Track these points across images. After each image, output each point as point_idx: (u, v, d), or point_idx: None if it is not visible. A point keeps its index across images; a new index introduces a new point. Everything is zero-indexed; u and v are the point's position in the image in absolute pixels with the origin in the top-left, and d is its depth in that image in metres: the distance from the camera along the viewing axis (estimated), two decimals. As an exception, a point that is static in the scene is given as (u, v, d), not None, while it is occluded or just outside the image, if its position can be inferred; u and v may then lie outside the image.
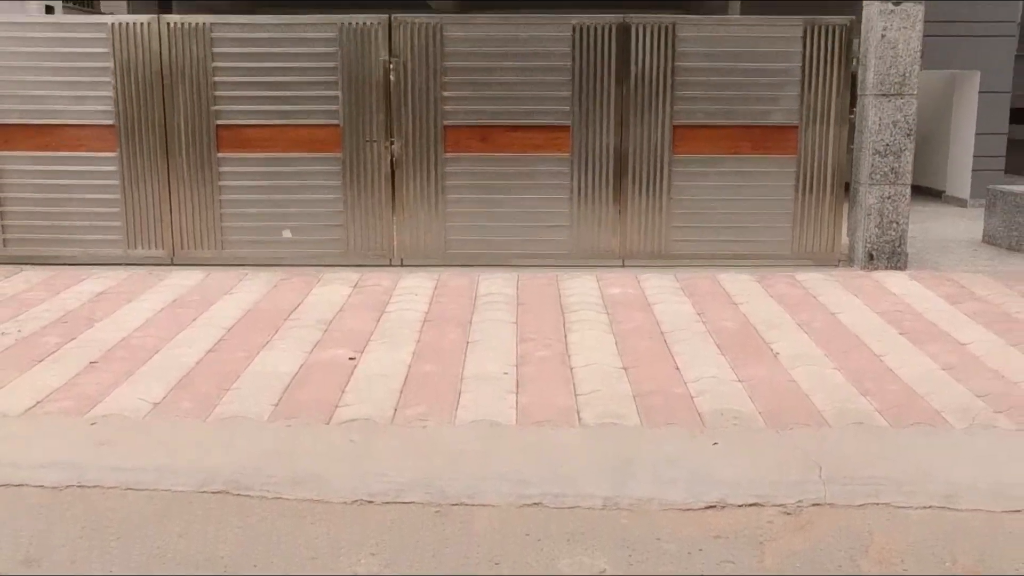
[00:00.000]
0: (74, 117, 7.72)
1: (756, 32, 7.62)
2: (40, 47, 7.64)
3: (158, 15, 7.76)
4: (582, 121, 7.61)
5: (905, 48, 7.50)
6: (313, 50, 7.58)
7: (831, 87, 7.65)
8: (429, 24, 7.48)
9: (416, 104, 7.60)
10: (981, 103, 11.84)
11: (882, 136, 7.59)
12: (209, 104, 7.65)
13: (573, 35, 7.48)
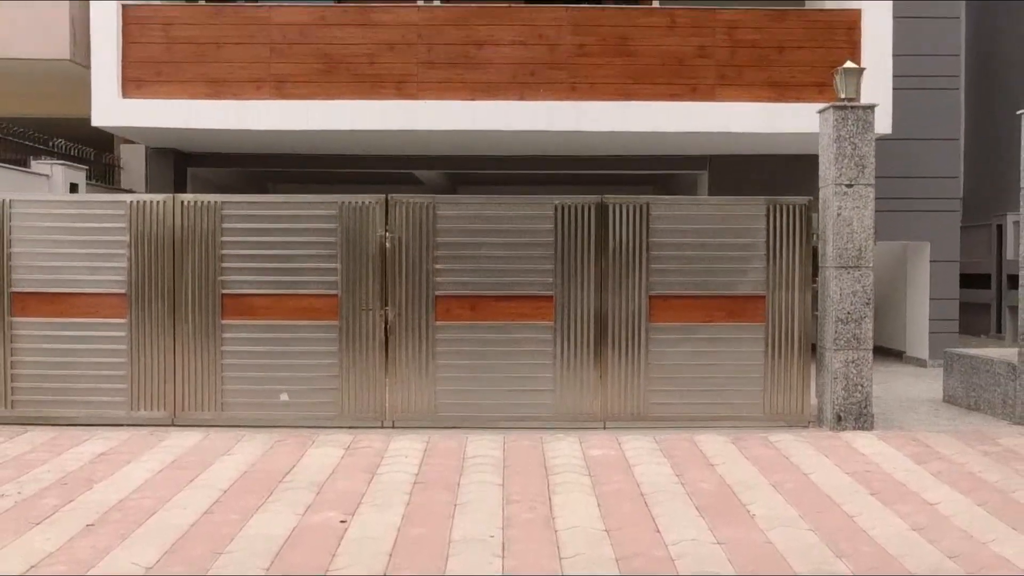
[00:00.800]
0: (88, 286, 7.82)
1: (723, 211, 7.91)
2: (62, 222, 7.83)
3: (174, 194, 8.02)
4: (565, 292, 7.76)
5: (860, 225, 7.76)
6: (315, 226, 7.79)
7: (794, 259, 7.86)
8: (423, 204, 7.74)
9: (410, 275, 7.76)
10: (933, 271, 12.17)
11: (843, 305, 7.75)
12: (216, 274, 7.78)
13: (555, 213, 7.74)
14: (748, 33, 9.91)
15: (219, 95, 9.87)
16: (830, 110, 7.81)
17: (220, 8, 10.08)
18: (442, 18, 9.90)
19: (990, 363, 8.64)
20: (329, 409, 7.78)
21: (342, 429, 7.62)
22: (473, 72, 9.77)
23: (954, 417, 8.49)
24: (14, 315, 7.82)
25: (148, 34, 9.92)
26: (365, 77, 9.78)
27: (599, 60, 9.79)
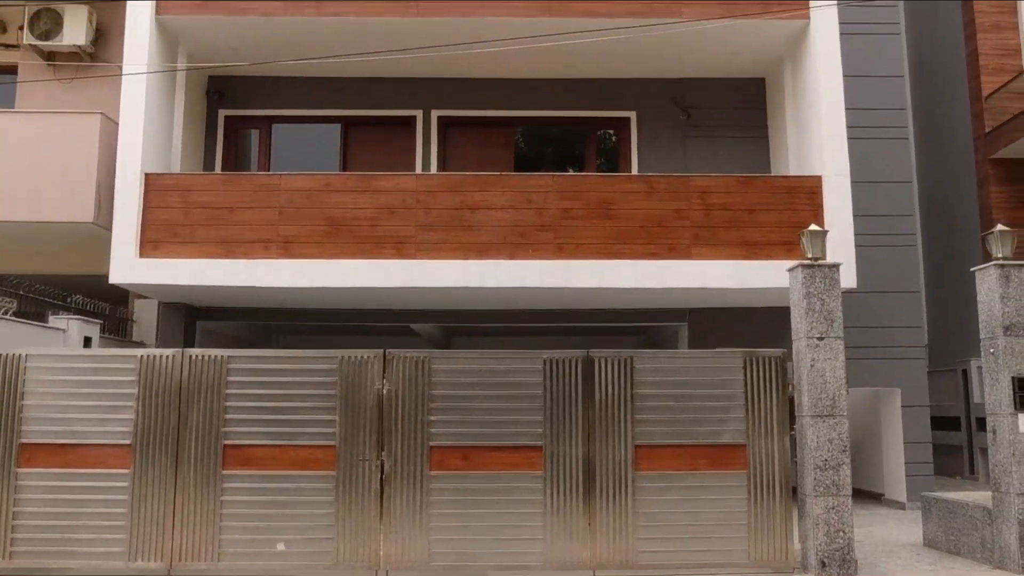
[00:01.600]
0: (95, 437, 7.71)
1: (703, 363, 7.95)
2: (74, 375, 7.81)
3: (182, 349, 8.04)
4: (554, 442, 7.70)
5: (832, 376, 7.80)
6: (316, 379, 7.77)
7: (772, 409, 7.85)
8: (418, 358, 7.78)
9: (406, 426, 7.70)
10: (904, 416, 12.11)
11: (821, 453, 7.68)
12: (219, 426, 7.71)
13: (544, 367, 7.78)
14: (720, 197, 10.24)
15: (230, 255, 10.05)
16: (799, 269, 8.00)
17: (235, 176, 10.43)
18: (439, 185, 10.24)
19: (966, 507, 8.49)
20: (325, 558, 7.53)
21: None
22: (467, 234, 10.02)
23: (935, 561, 8.27)
24: (20, 466, 7.67)
25: (167, 200, 10.20)
26: (367, 239, 10.01)
27: (584, 223, 10.07)
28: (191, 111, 11.56)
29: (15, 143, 10.72)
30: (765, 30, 10.71)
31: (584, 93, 12.08)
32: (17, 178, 10.53)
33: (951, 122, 16.01)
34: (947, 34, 16.07)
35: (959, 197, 15.87)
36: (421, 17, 10.36)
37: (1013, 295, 8.02)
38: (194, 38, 11.02)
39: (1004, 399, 7.90)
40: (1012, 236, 8.20)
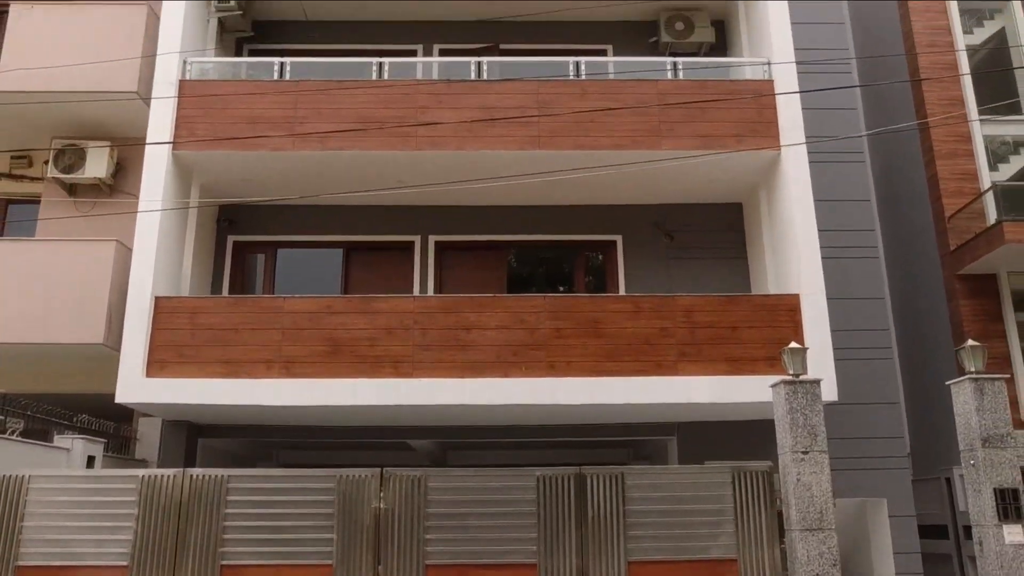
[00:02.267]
0: (92, 559, 7.52)
1: (692, 479, 7.84)
2: (76, 496, 7.67)
3: (183, 469, 7.90)
4: (548, 559, 7.49)
5: (819, 489, 7.67)
6: (313, 498, 7.63)
7: (761, 522, 7.70)
8: (415, 477, 7.65)
9: (402, 545, 7.50)
10: (892, 526, 11.81)
11: (811, 567, 7.47)
12: (217, 546, 7.51)
13: (537, 485, 7.65)
14: (704, 316, 10.31)
15: (234, 375, 9.99)
16: (781, 385, 7.99)
17: (240, 299, 10.49)
18: (435, 307, 10.29)
19: (959, 623, 8.20)
20: None
21: None
22: (462, 353, 10.00)
23: None
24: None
25: (175, 321, 10.22)
26: (366, 358, 9.98)
27: (574, 341, 10.08)
28: (202, 237, 11.74)
29: (33, 269, 10.83)
30: (740, 161, 11.04)
31: (572, 218, 12.32)
32: (34, 302, 10.58)
33: (918, 241, 16.33)
34: (909, 161, 16.59)
35: (931, 311, 16.01)
36: (419, 151, 10.68)
37: (988, 407, 8.00)
38: (208, 171, 11.30)
39: (988, 510, 7.76)
40: (983, 350, 8.25)
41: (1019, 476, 7.79)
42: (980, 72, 16.18)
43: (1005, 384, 8.11)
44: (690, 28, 12.79)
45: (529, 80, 11.07)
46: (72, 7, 11.84)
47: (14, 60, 11.24)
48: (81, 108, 11.41)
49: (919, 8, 16.38)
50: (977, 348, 8.19)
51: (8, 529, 7.49)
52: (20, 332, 10.46)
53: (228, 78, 11.49)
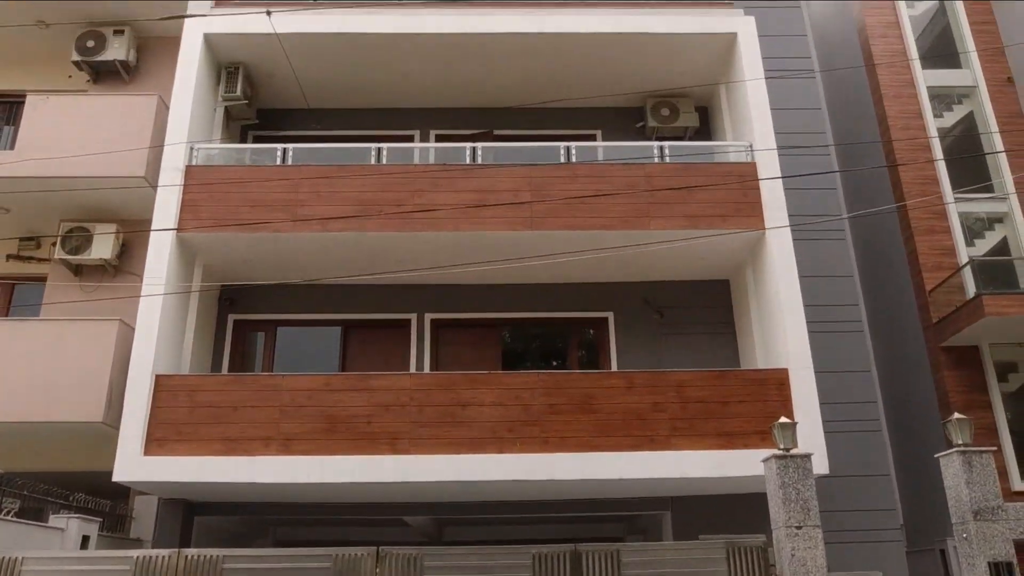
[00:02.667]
0: (84, 644, 7.23)
1: (687, 555, 7.70)
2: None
3: (179, 550, 7.70)
4: (544, 640, 7.26)
5: (813, 564, 7.51)
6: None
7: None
8: (410, 555, 7.47)
9: (396, 626, 7.27)
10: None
11: (810, 645, 7.26)
12: (210, 629, 7.25)
13: (533, 563, 7.47)
14: (695, 391, 10.25)
15: (232, 452, 9.84)
16: (772, 460, 7.90)
17: (239, 377, 10.42)
18: (432, 383, 10.22)
19: None
20: None
21: None
22: (458, 429, 9.89)
23: None
24: (6, 677, 7.12)
25: (175, 400, 10.11)
26: (363, 435, 9.85)
27: (568, 417, 9.98)
28: (203, 315, 11.72)
29: (37, 349, 10.76)
30: (726, 240, 11.16)
31: (565, 295, 12.36)
32: (36, 381, 10.48)
33: (902, 314, 16.39)
34: (889, 237, 16.80)
35: (917, 382, 15.96)
36: (416, 232, 10.78)
37: (977, 480, 7.91)
38: (211, 251, 11.37)
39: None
40: (969, 423, 8.21)
41: (1012, 549, 7.65)
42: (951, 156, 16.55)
43: (992, 456, 8.03)
44: (675, 113, 13.11)
45: (522, 165, 11.27)
46: (86, 97, 12.10)
47: (29, 148, 11.41)
48: (89, 192, 11.51)
49: (891, 94, 16.87)
50: (963, 421, 8.14)
51: (0, 613, 7.26)
52: (22, 411, 10.33)
53: (233, 163, 11.67)
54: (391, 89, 13.02)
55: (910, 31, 17.50)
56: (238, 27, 11.95)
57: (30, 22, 12.76)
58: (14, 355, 10.66)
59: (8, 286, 12.55)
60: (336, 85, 12.92)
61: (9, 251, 12.32)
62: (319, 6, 12.27)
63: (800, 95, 13.50)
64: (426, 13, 12.18)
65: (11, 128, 12.52)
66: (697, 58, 12.56)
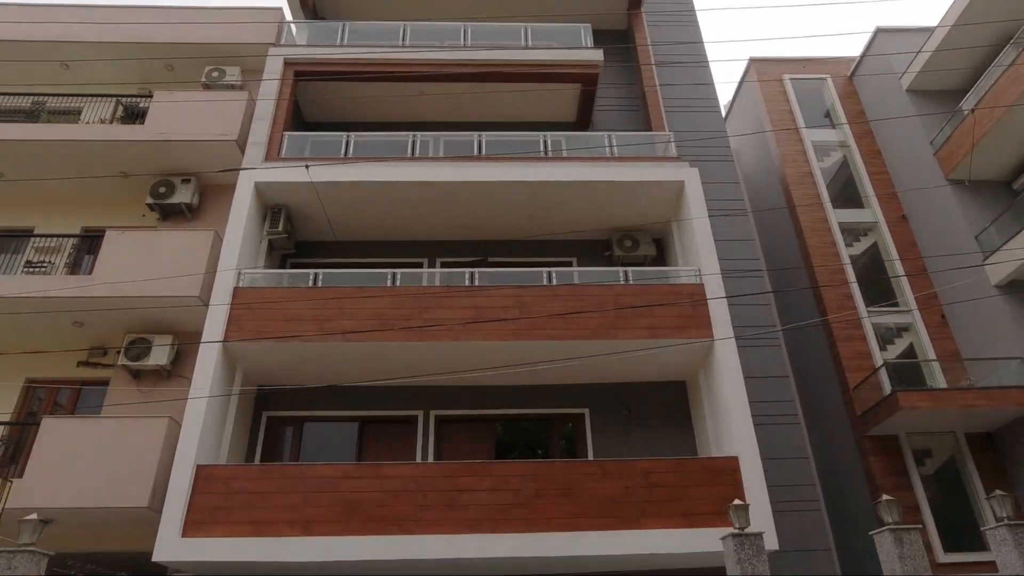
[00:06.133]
0: None
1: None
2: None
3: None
4: None
5: (770, 635, 7.05)
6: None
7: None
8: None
9: None
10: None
11: None
12: None
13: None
14: (661, 477, 9.96)
15: (260, 533, 9.39)
16: (730, 538, 7.58)
17: (269, 467, 10.07)
18: (435, 472, 9.90)
19: None
20: None
21: None
22: (457, 512, 9.49)
23: None
24: None
25: (212, 487, 9.73)
26: (375, 517, 9.44)
27: (551, 501, 9.62)
28: (241, 413, 11.46)
29: (98, 443, 10.41)
30: (681, 349, 11.12)
31: (548, 395, 12.19)
32: (95, 472, 10.08)
33: (831, 408, 16.21)
34: (816, 344, 16.84)
35: (848, 467, 15.59)
36: (422, 341, 10.73)
37: (908, 555, 7.58)
38: (250, 359, 11.23)
39: (920, 654, 7.12)
40: (897, 504, 7.94)
41: (942, 619, 7.23)
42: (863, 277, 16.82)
43: (920, 533, 7.72)
44: (636, 244, 13.36)
45: (511, 286, 11.35)
46: (155, 233, 12.26)
47: (104, 274, 11.45)
48: (153, 310, 11.48)
49: (810, 229, 17.35)
50: (892, 502, 7.88)
51: None
52: (83, 498, 9.87)
53: (273, 286, 11.71)
54: (405, 225, 13.29)
55: (821, 179, 18.19)
56: (282, 177, 12.29)
57: (115, 173, 13.09)
58: (80, 448, 10.30)
59: (76, 389, 12.29)
60: (359, 222, 13.18)
61: (80, 358, 12.14)
62: (347, 161, 12.67)
63: (737, 230, 13.82)
64: (434, 165, 12.60)
65: (91, 257, 12.59)
66: (653, 201, 12.93)
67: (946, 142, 16.64)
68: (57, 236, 12.63)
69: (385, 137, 13.48)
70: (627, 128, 14.86)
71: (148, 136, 12.74)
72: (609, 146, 13.37)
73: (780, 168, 18.64)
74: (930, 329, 16.03)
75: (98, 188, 13.32)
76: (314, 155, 12.98)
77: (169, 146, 12.74)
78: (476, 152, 13.19)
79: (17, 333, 11.90)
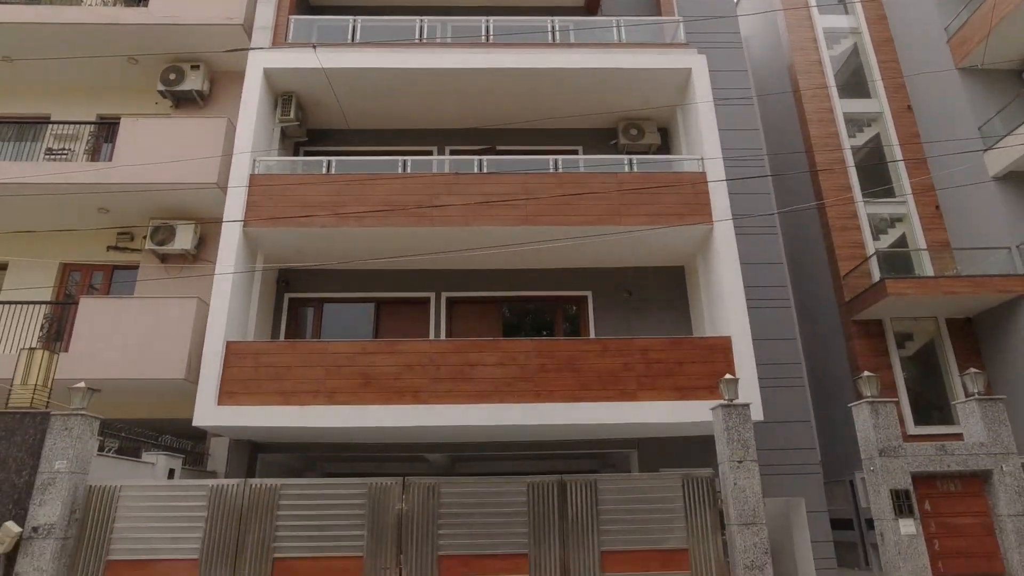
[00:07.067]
0: (169, 553, 7.18)
1: (651, 483, 7.61)
2: (156, 503, 7.37)
3: (245, 479, 7.64)
4: (536, 550, 7.20)
5: (751, 492, 7.46)
6: (348, 502, 7.37)
7: (706, 519, 7.45)
8: (430, 484, 7.41)
9: (419, 539, 7.22)
10: (809, 520, 11.51)
11: (748, 555, 7.21)
12: (270, 541, 7.20)
13: (528, 490, 7.41)
14: (657, 354, 10.17)
15: (287, 402, 9.77)
16: (719, 408, 7.83)
17: (294, 343, 10.33)
18: (447, 348, 10.13)
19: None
20: (351, 656, 6.82)
21: (360, 675, 6.63)
22: (467, 384, 9.82)
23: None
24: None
25: (242, 361, 10.02)
26: (391, 389, 9.78)
27: (555, 375, 9.91)
28: (264, 294, 11.62)
29: (132, 321, 10.66)
30: (680, 234, 11.05)
31: (553, 279, 12.27)
32: (132, 347, 10.39)
33: (821, 294, 16.33)
34: (811, 235, 16.70)
35: (832, 349, 15.92)
36: (433, 226, 10.66)
37: (882, 424, 7.85)
38: (269, 243, 11.24)
39: (886, 508, 7.54)
40: (876, 379, 8.14)
41: (910, 480, 7.60)
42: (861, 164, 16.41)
43: (894, 406, 7.97)
44: (641, 133, 12.96)
45: (518, 173, 11.13)
46: (169, 120, 11.93)
47: (124, 160, 11.27)
48: (173, 196, 11.40)
49: (815, 120, 16.71)
50: (872, 378, 8.07)
51: (103, 529, 7.19)
52: (121, 369, 10.24)
53: (287, 172, 11.53)
54: (414, 114, 12.87)
55: (830, 68, 17.33)
56: (291, 62, 11.77)
57: (123, 57, 12.58)
58: (117, 326, 10.56)
59: (109, 271, 12.44)
60: (371, 110, 12.76)
61: (109, 243, 12.21)
62: (357, 46, 12.09)
63: (741, 119, 13.35)
64: (442, 52, 12.01)
65: (109, 145, 12.36)
66: (659, 88, 12.40)
67: (961, 27, 15.68)
68: (73, 123, 12.34)
69: (392, 22, 12.79)
70: (636, 13, 14.02)
71: (153, 19, 12.14)
72: (617, 28, 12.66)
73: (789, 56, 17.72)
74: (924, 220, 15.83)
75: (110, 76, 12.87)
76: (321, 40, 12.37)
77: (175, 30, 12.16)
78: (484, 37, 12.53)
79: (48, 219, 11.91)
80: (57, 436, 7.33)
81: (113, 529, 7.19)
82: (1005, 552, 7.42)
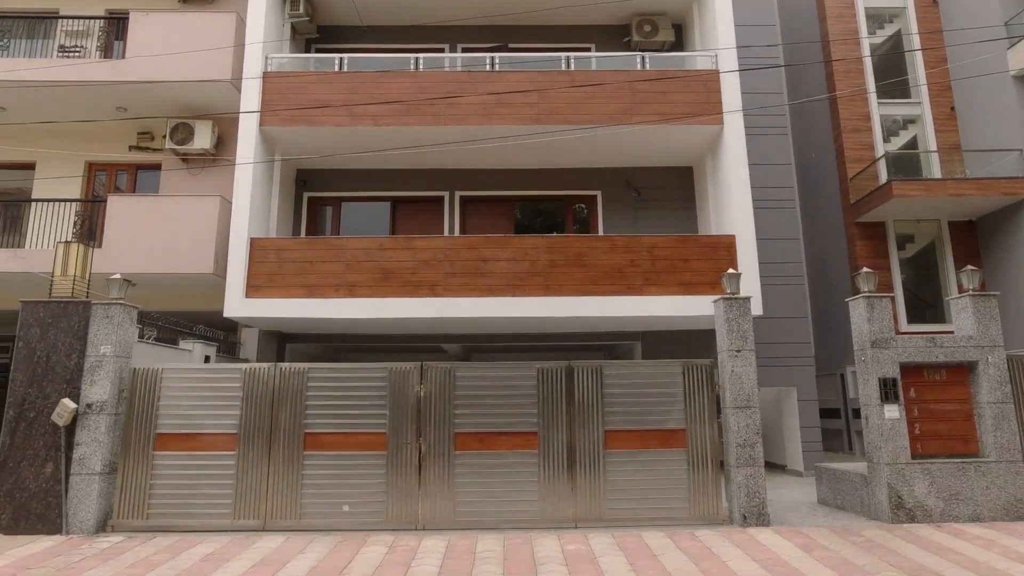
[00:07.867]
0: (210, 428, 7.57)
1: (653, 370, 7.82)
2: (196, 383, 7.70)
3: (275, 363, 7.94)
4: (545, 429, 7.54)
5: (747, 379, 7.67)
6: (371, 384, 7.66)
7: (704, 403, 7.70)
8: (446, 368, 7.66)
9: (437, 418, 7.56)
10: (800, 408, 11.91)
11: (741, 435, 7.52)
12: (301, 419, 7.57)
13: (537, 375, 7.65)
14: (663, 251, 10.19)
15: (311, 296, 9.99)
16: (721, 301, 7.91)
17: (314, 240, 10.41)
18: (461, 244, 10.19)
19: (849, 475, 8.29)
20: (378, 516, 7.34)
21: (387, 531, 7.17)
22: (481, 279, 9.95)
23: (827, 515, 8.04)
24: (156, 450, 7.53)
25: (266, 256, 10.17)
26: (409, 283, 9.94)
27: (565, 270, 10.00)
28: (284, 194, 11.59)
29: (159, 219, 10.73)
30: (691, 133, 10.76)
31: (563, 178, 12.12)
32: (161, 243, 10.52)
33: (826, 196, 16.04)
34: (822, 136, 16.17)
35: (834, 249, 15.83)
36: (447, 125, 10.43)
37: (877, 318, 7.92)
38: (286, 142, 11.09)
39: (874, 394, 7.76)
40: (875, 275, 8.14)
41: (898, 369, 7.77)
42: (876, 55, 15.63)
43: (889, 302, 8.01)
44: (655, 30, 12.33)
45: (531, 71, 10.73)
46: (178, 14, 11.46)
47: (136, 56, 10.94)
48: (188, 94, 11.15)
49: (834, 15, 15.77)
50: (870, 274, 8.06)
51: (149, 406, 7.59)
52: (152, 264, 10.43)
53: (299, 71, 11.18)
54: (427, 10, 12.27)
55: (854, -41, 16.13)
56: (299, -46, 11.13)
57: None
58: (145, 223, 10.65)
59: (133, 172, 12.40)
60: (383, 6, 12.17)
61: (130, 143, 12.08)
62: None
63: (758, 14, 12.63)
64: (453, -59, 11.27)
65: (120, 43, 11.95)
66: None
67: (995, -85, 14.39)
68: (82, 18, 11.89)
69: (401, -91, 11.93)
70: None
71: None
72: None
73: (812, -53, 16.47)
74: (937, 121, 15.23)
75: (117, -32, 12.24)
76: (329, -70, 11.61)
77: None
78: (496, -74, 11.71)
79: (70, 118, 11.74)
80: (100, 323, 7.59)
81: (159, 407, 7.58)
82: (981, 435, 7.69)
